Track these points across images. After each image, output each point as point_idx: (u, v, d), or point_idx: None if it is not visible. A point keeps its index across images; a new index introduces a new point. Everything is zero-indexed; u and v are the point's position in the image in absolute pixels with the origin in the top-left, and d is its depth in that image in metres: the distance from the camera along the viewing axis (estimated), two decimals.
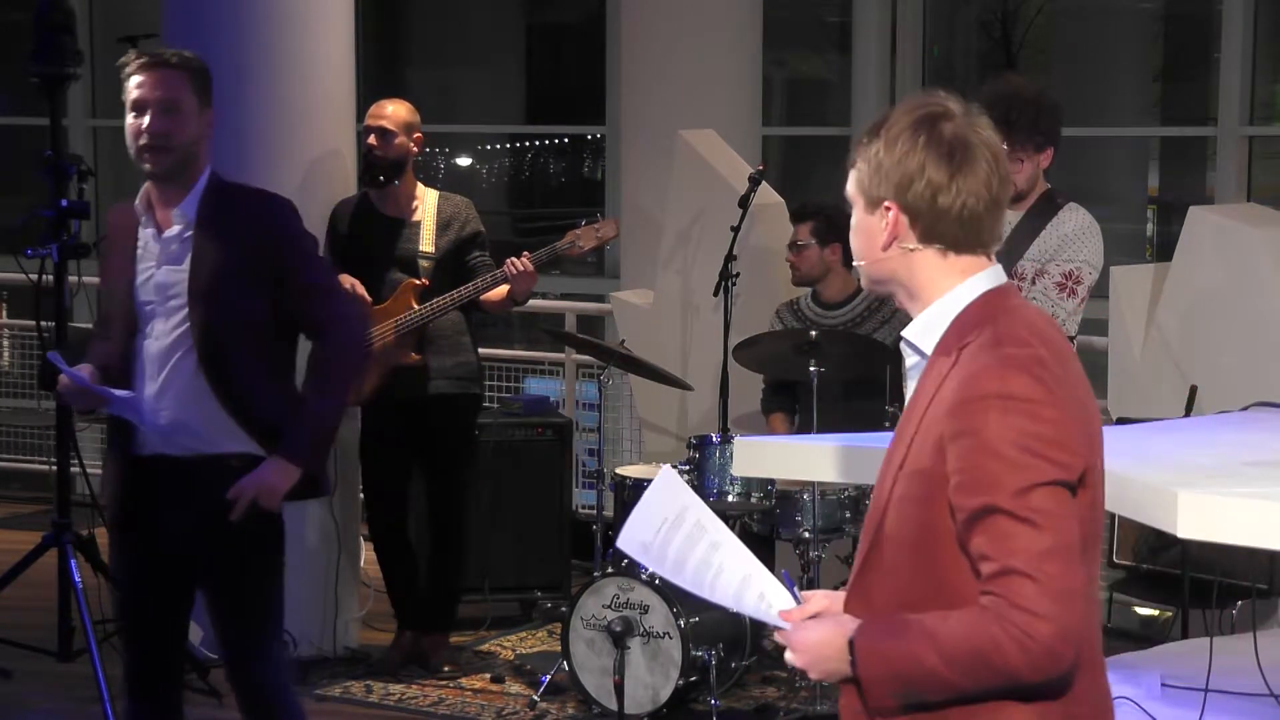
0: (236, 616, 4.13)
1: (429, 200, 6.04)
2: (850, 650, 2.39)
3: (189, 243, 4.05)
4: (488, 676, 6.05)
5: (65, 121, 5.73)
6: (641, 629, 5.44)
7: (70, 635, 5.74)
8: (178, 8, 6.11)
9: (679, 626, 5.39)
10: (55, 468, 5.96)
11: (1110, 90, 11.09)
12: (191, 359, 4.02)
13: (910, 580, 2.41)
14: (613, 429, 7.84)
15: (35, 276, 5.50)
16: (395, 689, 5.93)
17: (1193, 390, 5.63)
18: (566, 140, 13.49)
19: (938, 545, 2.38)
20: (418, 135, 6.05)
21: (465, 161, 13.89)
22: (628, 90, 8.15)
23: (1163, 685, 3.84)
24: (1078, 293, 4.64)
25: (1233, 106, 8.82)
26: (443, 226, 6.00)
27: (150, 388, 4.04)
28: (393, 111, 6.02)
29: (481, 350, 6.25)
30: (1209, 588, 5.20)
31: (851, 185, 2.53)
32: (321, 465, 4.19)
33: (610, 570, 5.61)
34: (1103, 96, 11.02)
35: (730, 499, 5.70)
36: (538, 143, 13.75)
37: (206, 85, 4.12)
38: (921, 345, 2.50)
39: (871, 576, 2.47)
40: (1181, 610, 5.22)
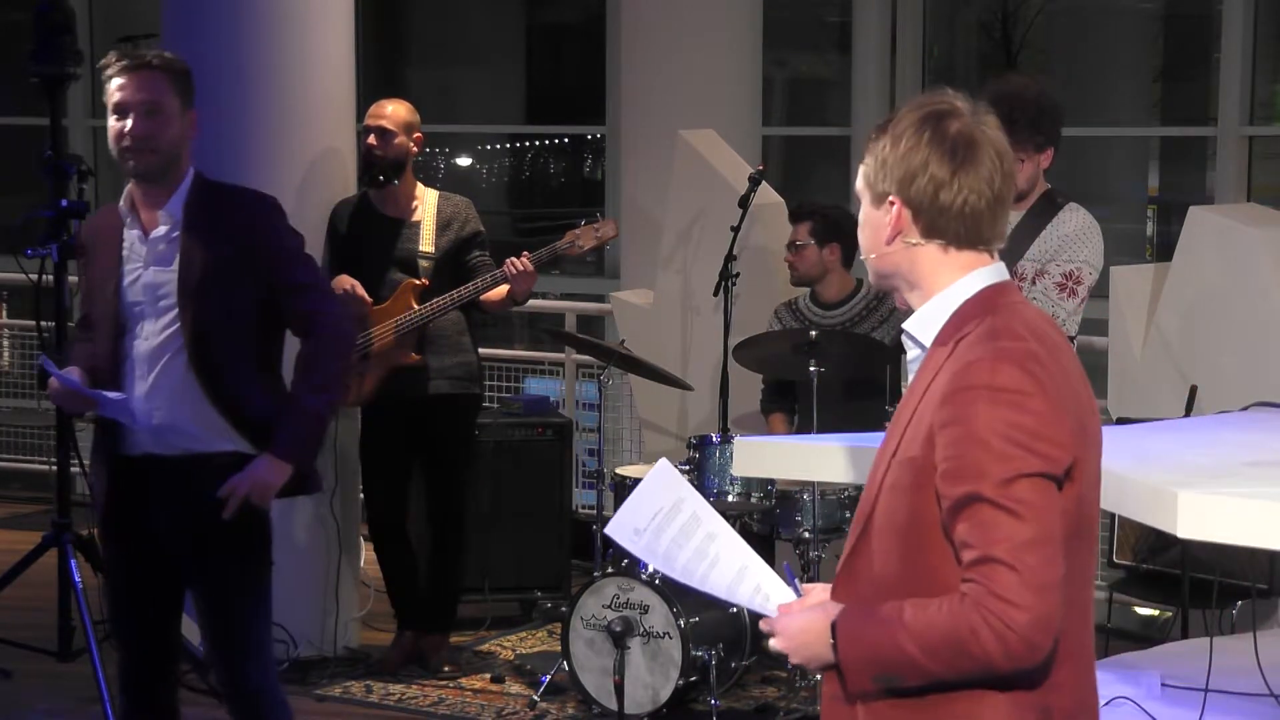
0: (225, 616, 4.13)
1: (429, 200, 6.04)
2: (832, 634, 2.43)
3: (177, 243, 4.05)
4: (488, 676, 6.05)
5: (65, 121, 5.73)
6: (641, 629, 5.44)
7: (70, 635, 5.74)
8: (177, 8, 6.10)
9: (679, 626, 5.39)
10: (55, 468, 5.95)
11: (1110, 90, 11.09)
12: (182, 358, 4.03)
13: (897, 567, 2.45)
14: (613, 429, 7.84)
15: (35, 276, 5.50)
16: (395, 689, 5.93)
17: (1193, 390, 5.63)
18: (566, 140, 13.49)
19: (925, 533, 2.41)
20: (417, 135, 6.05)
21: (465, 161, 13.89)
22: (628, 90, 8.15)
23: (1163, 685, 3.84)
24: (1078, 293, 4.64)
25: (1233, 106, 8.82)
26: (443, 226, 5.99)
27: (140, 388, 4.05)
28: (392, 111, 6.02)
29: (481, 350, 6.25)
30: (1209, 588, 5.20)
31: (859, 180, 2.57)
32: (312, 462, 4.19)
33: (610, 570, 5.61)
34: (1103, 96, 11.02)
35: (730, 499, 5.70)
36: (538, 143, 13.75)
37: (189, 86, 4.11)
38: (921, 337, 2.53)
39: (859, 562, 2.51)
40: (1181, 610, 5.22)
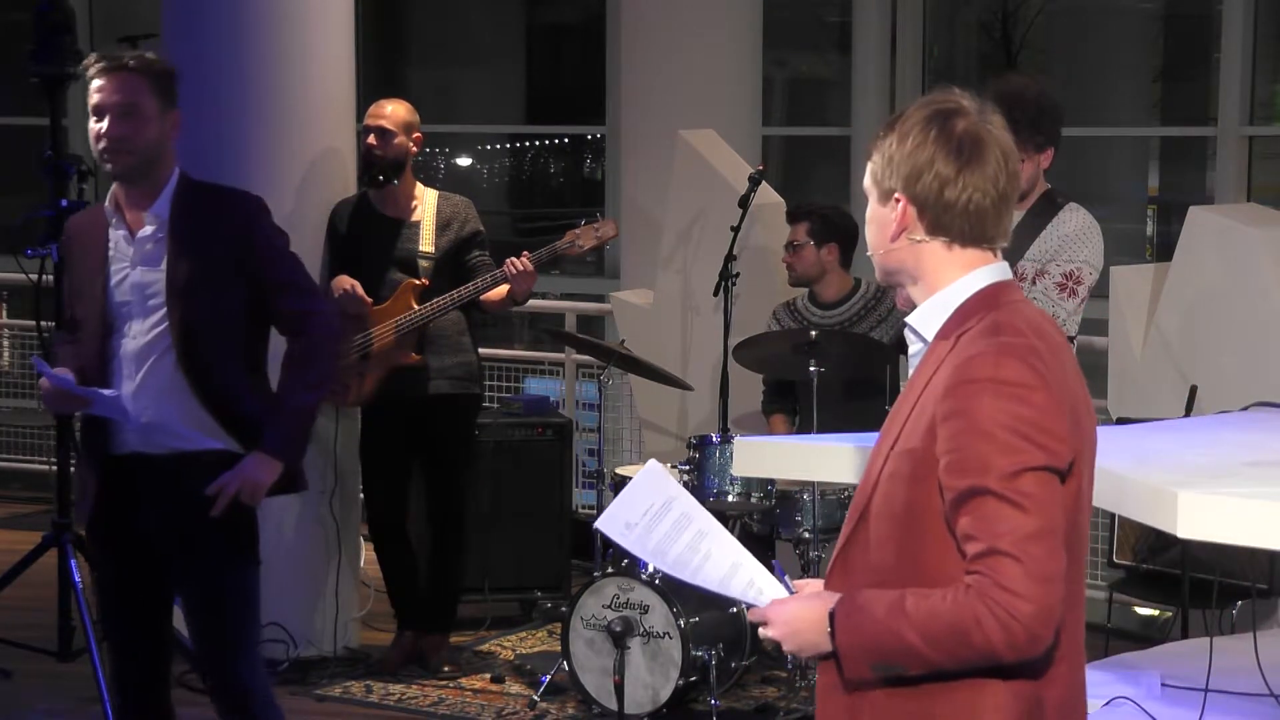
0: (213, 615, 4.13)
1: (428, 200, 6.04)
2: (830, 622, 2.44)
3: (164, 243, 4.06)
4: (488, 676, 6.05)
5: (65, 121, 5.72)
6: (641, 629, 5.44)
7: (70, 635, 5.74)
8: (177, 8, 6.10)
9: (679, 626, 5.39)
10: (55, 468, 5.96)
11: (1110, 90, 11.09)
12: (170, 357, 4.04)
13: (892, 557, 2.46)
14: (613, 429, 7.84)
15: (35, 276, 5.50)
16: (395, 689, 5.93)
17: (1193, 390, 5.63)
18: (566, 140, 13.49)
19: (922, 524, 2.43)
20: (417, 135, 6.05)
21: (465, 161, 13.89)
22: (628, 90, 8.15)
23: (1163, 685, 3.83)
24: (1078, 293, 4.64)
25: (1233, 106, 8.81)
26: (442, 226, 5.99)
27: (128, 387, 4.05)
28: (392, 111, 6.02)
29: (481, 350, 6.25)
30: (1209, 588, 5.20)
31: (866, 178, 2.60)
32: (300, 460, 4.20)
33: (610, 570, 5.61)
34: (1103, 96, 11.02)
35: (730, 499, 5.70)
36: (538, 143, 13.75)
37: (169, 86, 4.10)
38: (924, 332, 2.55)
39: (854, 552, 2.53)
40: (1181, 610, 5.22)
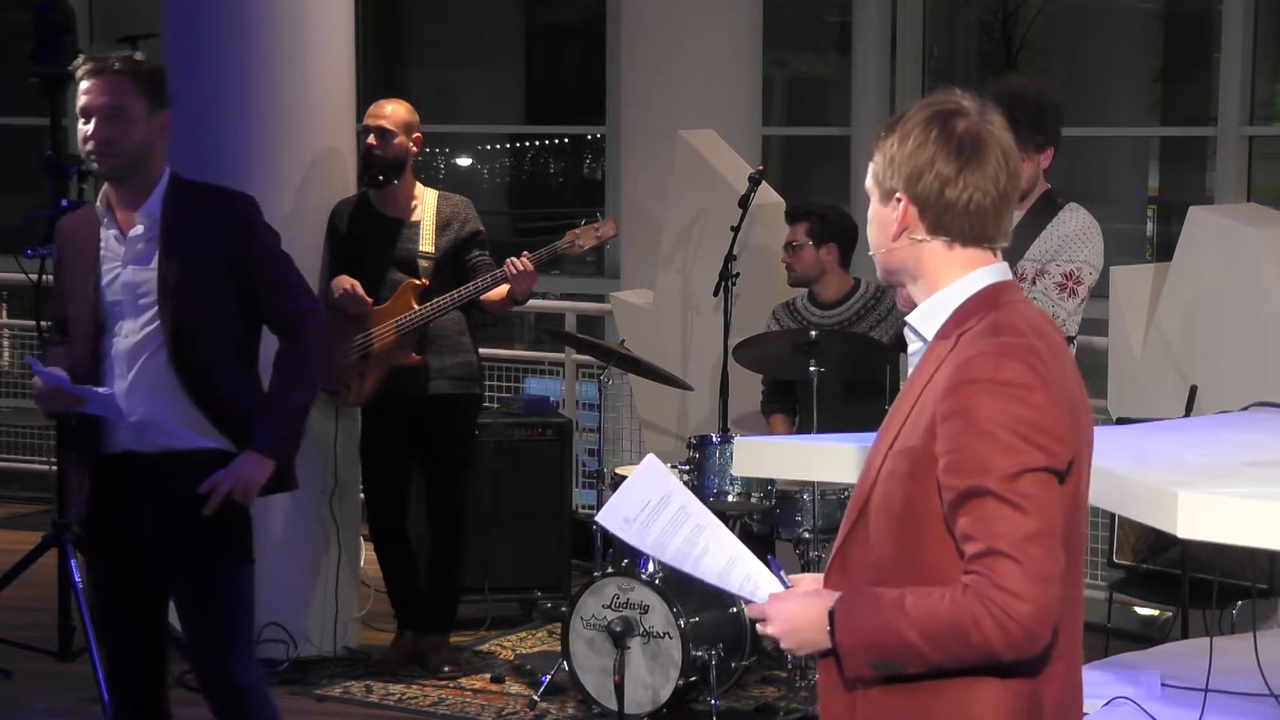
0: (207, 614, 4.13)
1: (428, 200, 6.04)
2: (830, 620, 2.45)
3: (155, 242, 4.07)
4: (488, 676, 6.05)
5: (65, 121, 5.71)
6: (641, 629, 5.44)
7: (70, 635, 5.74)
8: (178, 8, 6.10)
9: (679, 626, 5.39)
10: (55, 468, 5.96)
11: (1110, 90, 11.08)
12: (162, 356, 4.04)
13: (890, 555, 2.47)
14: (613, 429, 7.84)
15: (35, 276, 5.50)
16: (395, 689, 5.93)
17: (1193, 390, 5.63)
18: (566, 140, 13.49)
19: (920, 522, 2.44)
20: (417, 135, 6.05)
21: (465, 161, 13.89)
22: (628, 90, 8.15)
23: (1163, 685, 3.83)
24: (1078, 293, 4.64)
25: (1233, 106, 8.81)
26: (442, 226, 5.99)
27: (120, 386, 4.06)
28: (391, 111, 6.02)
29: (482, 350, 6.25)
30: (1209, 588, 5.20)
31: (868, 178, 2.61)
32: (292, 459, 4.20)
33: (610, 570, 5.61)
34: (1103, 96, 11.01)
35: (730, 499, 5.70)
36: (538, 143, 13.75)
37: (156, 87, 4.09)
38: (924, 331, 2.56)
39: (853, 550, 2.54)
40: (1181, 610, 5.22)
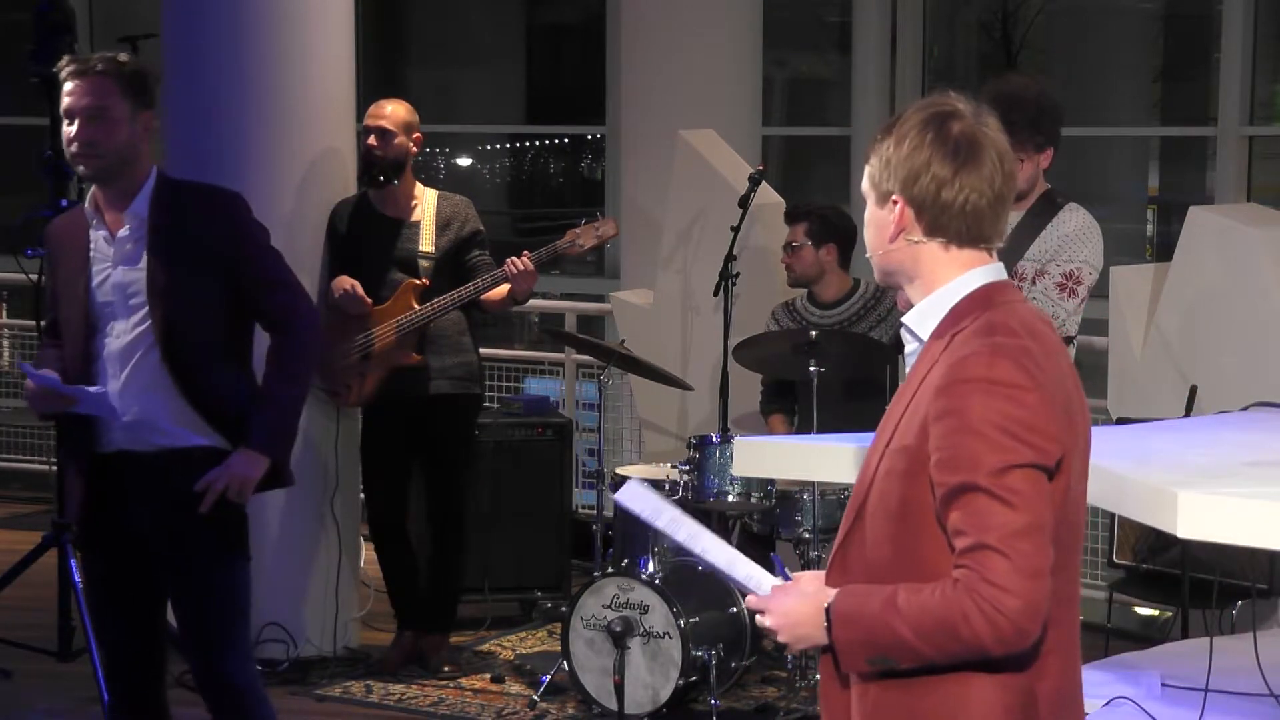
0: (204, 613, 4.13)
1: (428, 200, 6.04)
2: (827, 617, 2.48)
3: (143, 242, 4.07)
4: (488, 676, 6.05)
5: None
6: (641, 629, 5.44)
7: (70, 635, 5.74)
8: (178, 8, 6.10)
9: (679, 626, 5.39)
10: (55, 468, 5.95)
11: (1110, 90, 11.09)
12: (154, 355, 4.05)
13: (889, 553, 2.50)
14: (613, 429, 7.84)
15: (35, 276, 5.50)
16: (395, 689, 5.93)
17: (1193, 390, 5.63)
18: (566, 140, 13.49)
19: (917, 520, 2.47)
20: (417, 135, 6.06)
21: (465, 161, 13.89)
22: (628, 90, 8.15)
23: (1163, 685, 3.84)
24: (1078, 293, 4.64)
25: (1233, 106, 8.81)
26: (442, 226, 5.99)
27: (113, 386, 4.06)
28: (392, 111, 6.02)
29: (482, 350, 6.25)
30: (1209, 588, 5.20)
31: (865, 181, 2.63)
32: (287, 456, 4.20)
33: (610, 570, 5.61)
34: (1103, 96, 11.02)
35: (730, 499, 5.69)
36: (538, 143, 13.75)
37: (140, 88, 4.08)
38: (919, 331, 2.59)
39: (852, 549, 2.57)
40: (1181, 610, 5.22)
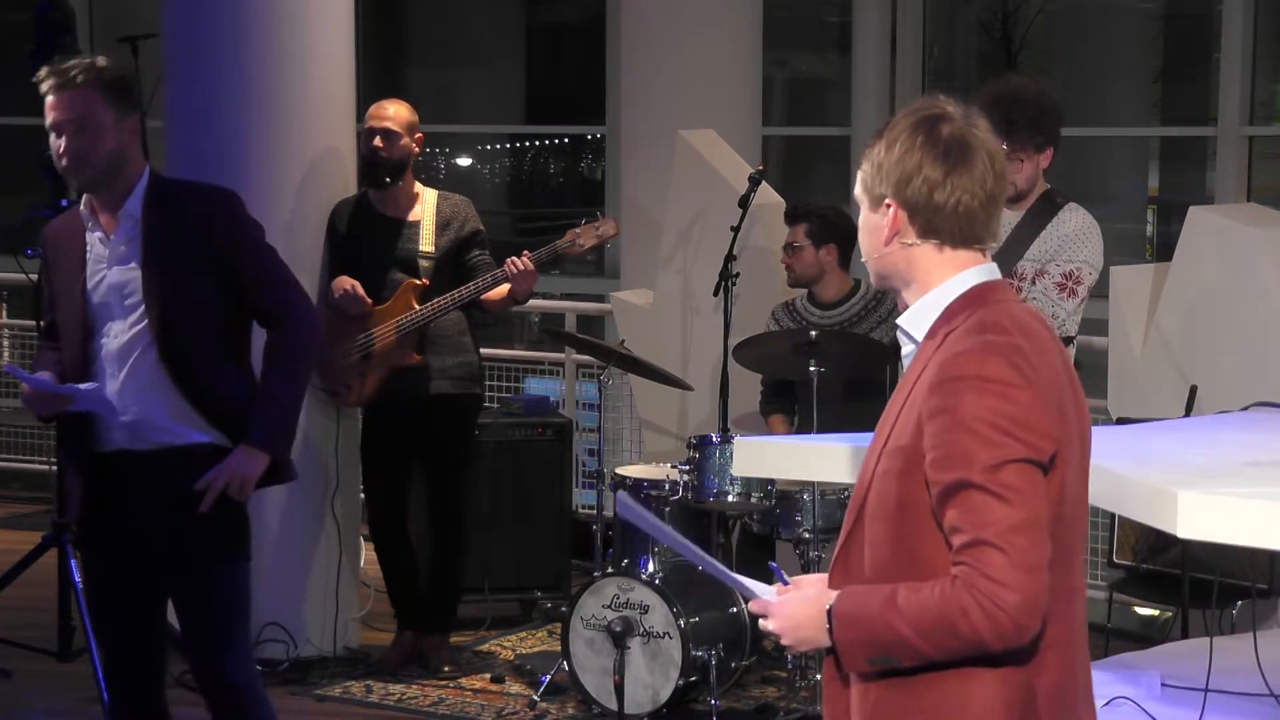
0: (204, 612, 4.13)
1: (428, 200, 6.04)
2: (828, 618, 2.51)
3: (137, 242, 4.07)
4: (488, 676, 6.05)
5: None
6: (641, 629, 5.44)
7: (70, 635, 5.74)
8: (178, 8, 6.11)
9: (679, 626, 5.39)
10: (55, 468, 5.95)
11: (1110, 90, 11.08)
12: (151, 354, 4.05)
13: (889, 553, 2.52)
14: (613, 429, 7.84)
15: (35, 276, 5.50)
16: (395, 689, 5.93)
17: (1193, 390, 5.63)
18: (566, 140, 13.49)
19: (914, 518, 2.49)
20: (419, 135, 6.07)
21: (465, 161, 13.89)
22: (628, 90, 8.14)
23: (1163, 685, 3.84)
24: (1078, 293, 4.64)
25: (1233, 106, 8.81)
26: (442, 226, 6.00)
27: (111, 386, 4.06)
28: (395, 112, 6.02)
29: (482, 350, 6.25)
30: (1209, 588, 5.20)
31: (857, 185, 2.66)
32: (286, 452, 4.20)
33: (610, 570, 5.61)
34: (1103, 96, 11.02)
35: (730, 499, 5.69)
36: (538, 143, 13.75)
37: (123, 93, 4.09)
38: (914, 332, 2.61)
39: (854, 550, 2.59)
40: (1181, 610, 5.22)
